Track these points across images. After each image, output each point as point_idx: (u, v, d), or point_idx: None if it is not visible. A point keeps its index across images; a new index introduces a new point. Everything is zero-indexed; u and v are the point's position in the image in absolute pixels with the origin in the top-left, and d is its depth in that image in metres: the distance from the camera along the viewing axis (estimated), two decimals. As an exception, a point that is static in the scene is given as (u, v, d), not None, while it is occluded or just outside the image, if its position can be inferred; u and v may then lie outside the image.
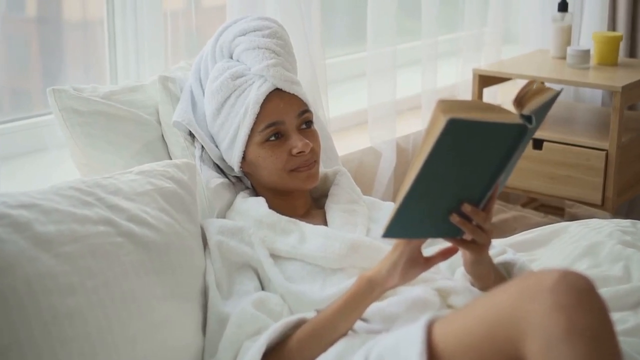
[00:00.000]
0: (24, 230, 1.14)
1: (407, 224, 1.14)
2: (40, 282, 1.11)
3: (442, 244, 1.27)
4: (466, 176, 1.12)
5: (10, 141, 1.76)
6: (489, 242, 1.21)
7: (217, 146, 1.51)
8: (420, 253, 1.21)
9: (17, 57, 1.85)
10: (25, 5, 1.87)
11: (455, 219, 1.16)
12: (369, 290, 1.21)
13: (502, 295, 1.01)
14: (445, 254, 1.23)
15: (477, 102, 1.09)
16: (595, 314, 0.95)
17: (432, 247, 1.34)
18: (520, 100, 1.12)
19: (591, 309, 0.95)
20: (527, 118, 1.09)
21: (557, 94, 1.16)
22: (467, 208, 1.15)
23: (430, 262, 1.22)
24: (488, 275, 1.29)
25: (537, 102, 1.11)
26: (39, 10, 1.87)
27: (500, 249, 1.40)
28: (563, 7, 2.57)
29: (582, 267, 1.59)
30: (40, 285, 1.11)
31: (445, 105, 1.02)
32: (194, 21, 1.95)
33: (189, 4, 1.95)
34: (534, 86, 1.14)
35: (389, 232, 1.14)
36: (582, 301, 0.95)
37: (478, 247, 1.21)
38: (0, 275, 1.09)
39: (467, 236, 1.19)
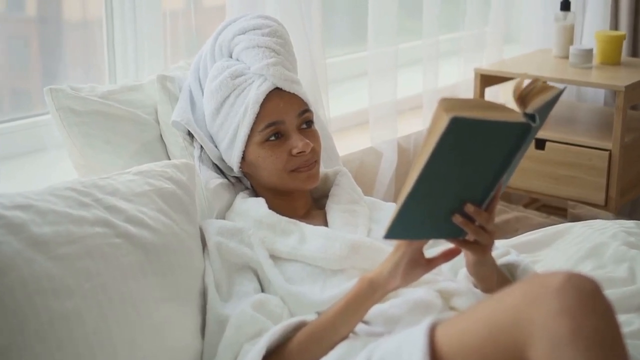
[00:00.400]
0: (19, 231, 1.12)
1: (409, 225, 1.12)
2: (36, 284, 1.10)
3: (444, 245, 1.25)
4: (469, 175, 1.10)
5: (10, 141, 1.75)
6: (492, 243, 1.19)
7: (216, 146, 1.49)
8: (422, 254, 1.19)
9: (17, 57, 1.84)
10: (25, 5, 1.86)
11: (457, 219, 1.14)
12: (370, 292, 1.19)
13: (507, 298, 0.99)
14: (447, 256, 1.21)
15: (480, 100, 1.08)
16: (601, 317, 0.93)
17: (435, 248, 1.31)
18: (523, 99, 1.10)
19: (597, 312, 0.93)
20: (531, 117, 1.07)
21: (561, 92, 1.14)
22: (469, 208, 1.13)
23: (432, 263, 1.20)
24: (491, 277, 1.27)
25: (540, 100, 1.09)
26: (39, 10, 1.86)
27: (503, 250, 1.38)
28: (565, 6, 2.55)
29: (586, 268, 1.57)
30: (37, 287, 1.10)
31: (448, 103, 1.00)
32: (194, 21, 1.93)
33: (188, 4, 1.93)
34: (538, 84, 1.12)
35: (391, 233, 1.12)
36: (588, 304, 0.93)
37: (481, 248, 1.19)
38: (-4, 277, 1.07)
39: (470, 237, 1.17)
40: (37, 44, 1.87)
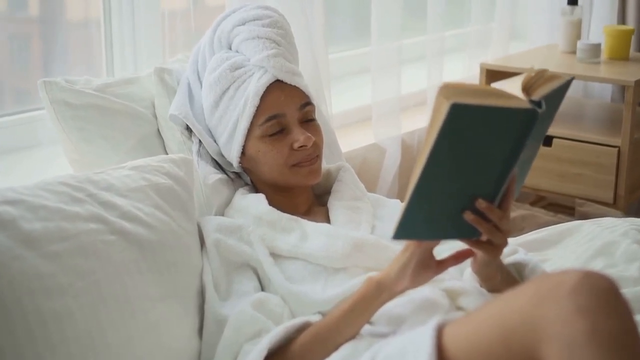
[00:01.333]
0: (8, 228, 1.08)
1: (417, 225, 1.07)
2: (25, 282, 1.06)
3: (455, 242, 1.20)
4: (475, 168, 1.06)
5: (7, 136, 1.71)
6: (506, 243, 1.14)
7: (215, 141, 1.46)
8: (432, 256, 1.15)
9: (19, 55, 1.82)
10: (27, 4, 1.85)
11: (469, 216, 1.09)
12: (377, 293, 1.15)
13: (518, 297, 0.94)
14: (458, 258, 1.17)
15: (483, 86, 1.03)
16: (619, 317, 0.89)
17: (444, 246, 1.27)
18: (529, 88, 1.06)
19: (615, 312, 0.89)
20: (537, 104, 1.03)
21: (569, 81, 1.11)
22: (481, 204, 1.08)
23: (442, 265, 1.16)
24: (495, 276, 1.24)
25: (547, 88, 1.06)
26: (41, 9, 1.85)
27: (511, 249, 1.34)
28: (572, 1, 2.51)
29: (597, 267, 1.53)
30: (26, 286, 1.06)
31: (449, 90, 0.96)
32: (193, 21, 1.90)
33: (188, 4, 1.90)
34: (545, 74, 1.08)
35: (399, 234, 1.07)
36: (605, 303, 0.89)
37: (493, 249, 1.14)
38: (-17, 275, 1.03)
39: (483, 237, 1.12)
40: (39, 42, 1.86)
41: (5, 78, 1.80)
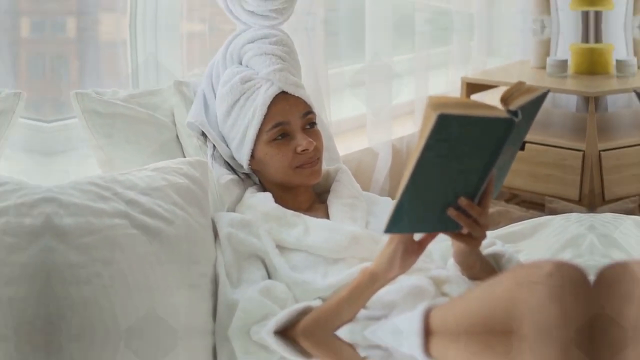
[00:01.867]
0: (46, 224, 1.05)
1: (406, 220, 1.05)
2: (59, 272, 1.03)
3: None
4: (459, 170, 1.04)
5: (49, 140, 1.69)
6: (485, 236, 1.12)
7: (227, 145, 1.43)
8: (414, 241, 1.13)
9: (59, 71, 1.83)
10: (65, 28, 1.85)
11: (452, 212, 1.07)
12: (371, 282, 1.13)
13: (498, 285, 0.93)
14: (432, 235, 1.14)
15: (466, 99, 1.03)
16: (587, 303, 0.87)
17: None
18: (506, 100, 1.04)
19: (584, 298, 0.88)
20: (514, 113, 1.01)
21: (545, 93, 1.09)
22: (463, 202, 1.06)
23: (422, 245, 1.13)
24: (475, 265, 1.22)
25: (523, 99, 1.04)
26: (77, 32, 1.85)
27: (489, 241, 1.32)
28: (542, 23, 2.50)
29: (565, 257, 1.51)
30: (60, 275, 1.03)
31: (436, 103, 0.95)
32: (208, 42, 1.90)
33: (204, 27, 1.90)
34: (522, 87, 1.06)
35: (390, 228, 1.05)
36: (575, 290, 0.87)
37: (473, 240, 1.12)
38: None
39: (464, 230, 1.10)
40: (75, 60, 1.87)
41: (47, 90, 1.80)
